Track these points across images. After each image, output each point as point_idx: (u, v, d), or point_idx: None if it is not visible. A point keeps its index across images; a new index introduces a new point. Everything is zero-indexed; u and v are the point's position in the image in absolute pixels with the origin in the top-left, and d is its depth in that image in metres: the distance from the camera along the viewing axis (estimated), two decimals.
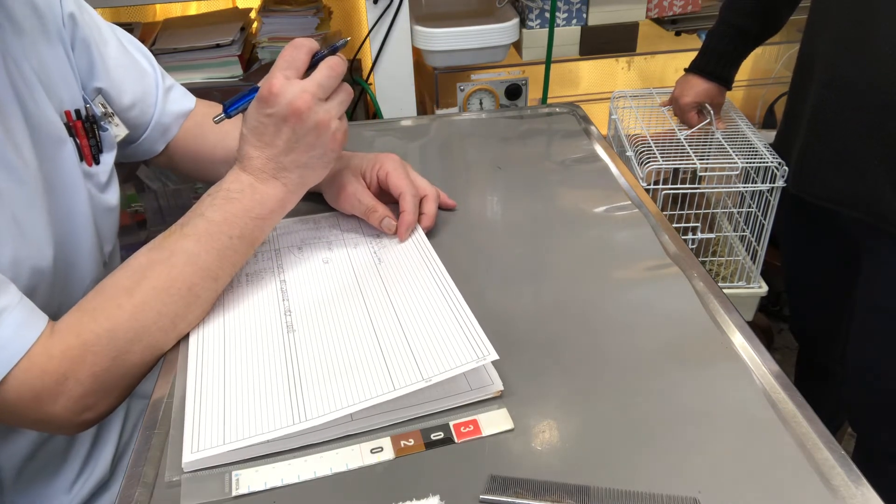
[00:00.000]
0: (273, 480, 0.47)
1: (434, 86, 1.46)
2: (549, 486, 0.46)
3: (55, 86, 0.65)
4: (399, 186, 0.70)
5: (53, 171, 0.63)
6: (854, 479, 0.45)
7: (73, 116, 0.66)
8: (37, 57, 0.64)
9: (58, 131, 0.64)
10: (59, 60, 0.66)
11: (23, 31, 0.63)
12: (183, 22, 1.49)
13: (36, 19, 0.65)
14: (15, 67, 0.61)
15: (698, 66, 1.20)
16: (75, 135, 0.66)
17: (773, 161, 1.11)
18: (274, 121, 0.59)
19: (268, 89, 0.58)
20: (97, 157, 0.69)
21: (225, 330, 0.59)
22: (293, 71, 0.59)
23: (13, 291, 0.53)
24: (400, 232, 0.69)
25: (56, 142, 0.64)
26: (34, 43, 0.64)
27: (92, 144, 0.68)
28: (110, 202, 0.71)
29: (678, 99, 1.23)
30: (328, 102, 0.60)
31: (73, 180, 0.65)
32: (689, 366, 0.55)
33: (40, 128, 0.62)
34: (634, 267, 0.67)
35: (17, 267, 0.57)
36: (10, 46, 0.61)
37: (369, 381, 0.52)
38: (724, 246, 1.36)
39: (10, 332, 0.51)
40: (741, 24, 1.14)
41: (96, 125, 0.69)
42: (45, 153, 0.62)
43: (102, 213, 0.69)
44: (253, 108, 0.60)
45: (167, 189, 1.56)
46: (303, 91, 0.58)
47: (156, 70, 0.78)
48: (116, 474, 0.73)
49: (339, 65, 0.60)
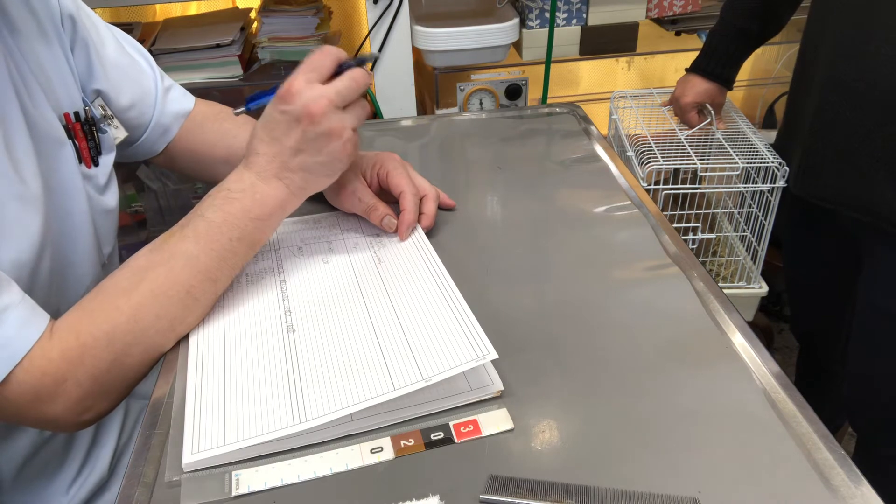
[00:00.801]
0: (273, 480, 0.47)
1: (434, 86, 1.46)
2: (549, 486, 0.46)
3: (54, 88, 0.65)
4: (400, 185, 0.70)
5: (52, 173, 0.63)
6: (854, 479, 0.45)
7: (71, 119, 0.66)
8: (35, 59, 0.64)
9: (57, 133, 0.64)
10: (57, 62, 0.66)
11: (20, 33, 0.63)
12: (183, 22, 1.49)
13: (33, 21, 0.65)
14: (15, 69, 0.61)
15: (699, 65, 1.20)
16: (74, 137, 0.66)
17: (774, 161, 1.11)
18: (287, 119, 0.59)
19: (287, 88, 0.59)
20: (96, 159, 0.69)
21: (225, 330, 0.59)
22: (316, 75, 0.59)
23: (15, 290, 0.53)
24: (400, 231, 0.69)
25: (55, 144, 0.64)
26: (32, 45, 0.64)
27: (91, 147, 0.68)
28: (109, 204, 0.71)
29: (679, 99, 1.22)
30: (344, 112, 0.60)
31: (72, 182, 0.65)
32: (689, 366, 0.55)
33: (39, 130, 0.62)
34: (634, 267, 0.67)
35: (18, 268, 0.57)
36: (10, 48, 0.61)
37: (369, 381, 0.52)
38: (725, 246, 1.36)
39: (12, 331, 0.51)
40: (742, 25, 1.14)
41: (95, 127, 0.69)
42: (43, 155, 0.62)
43: (101, 215, 0.69)
44: (270, 105, 0.60)
45: (167, 189, 1.56)
46: (321, 96, 0.58)
47: (154, 70, 0.78)
48: (115, 474, 0.73)
49: (363, 77, 0.61)
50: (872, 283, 1.00)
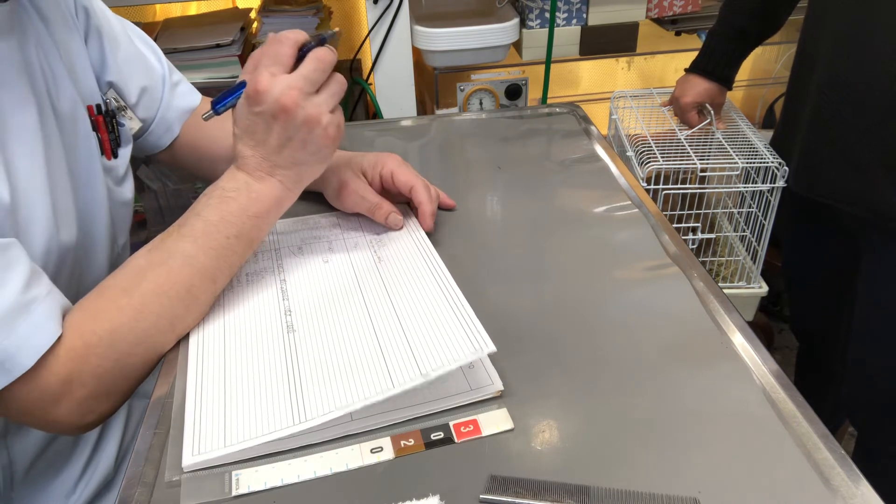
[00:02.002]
0: (273, 480, 0.47)
1: (434, 86, 1.46)
2: (549, 486, 0.46)
3: (79, 79, 0.66)
4: (409, 181, 0.70)
5: (78, 164, 0.64)
6: (854, 479, 0.45)
7: (94, 111, 0.67)
8: (65, 50, 0.65)
9: (84, 125, 0.65)
10: (81, 53, 0.67)
11: (49, 21, 0.63)
12: (183, 22, 1.49)
13: (59, 10, 0.65)
14: (45, 58, 0.61)
15: (699, 65, 1.20)
16: (97, 129, 0.67)
17: (774, 161, 1.11)
18: (263, 119, 0.58)
19: (253, 88, 0.57)
20: (116, 151, 0.69)
21: (225, 330, 0.59)
22: (279, 67, 0.58)
23: (45, 282, 0.54)
24: (424, 222, 0.70)
25: (81, 135, 0.65)
26: (62, 34, 0.65)
27: (111, 139, 0.68)
28: (126, 196, 0.71)
29: (679, 99, 1.23)
30: (318, 96, 0.59)
31: (95, 173, 0.66)
32: (689, 366, 0.55)
33: (68, 120, 0.63)
34: (634, 267, 0.67)
35: (48, 255, 0.58)
36: (41, 36, 0.62)
37: (369, 380, 0.52)
38: (725, 246, 1.36)
39: (40, 319, 0.51)
40: (741, 24, 1.14)
41: (115, 119, 0.69)
42: (72, 145, 0.63)
43: (118, 207, 0.70)
44: (242, 107, 0.59)
45: (167, 189, 1.56)
46: (289, 87, 0.57)
47: (163, 65, 0.78)
48: (120, 473, 0.73)
49: (327, 56, 0.59)
50: (872, 279, 1.01)
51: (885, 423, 1.07)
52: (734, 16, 1.15)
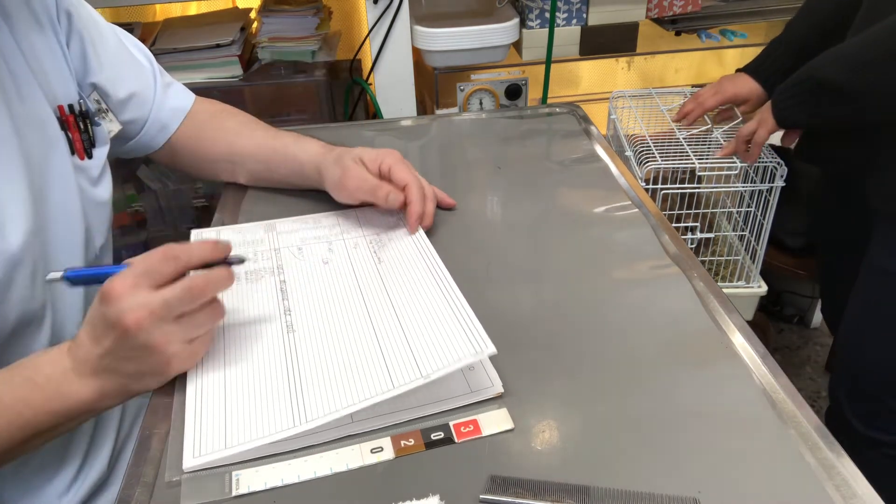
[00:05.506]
0: (273, 480, 0.47)
1: (434, 86, 1.46)
2: (549, 486, 0.46)
3: (49, 80, 0.66)
4: (404, 178, 0.70)
5: (44, 165, 0.63)
6: (854, 479, 0.45)
7: (66, 111, 0.67)
8: (30, 48, 0.64)
9: (50, 125, 0.65)
10: (53, 54, 0.67)
11: (14, 24, 0.63)
12: (183, 22, 1.49)
13: (27, 10, 0.65)
14: (3, 61, 0.61)
15: (755, 68, 1.19)
16: (67, 129, 0.67)
17: (772, 161, 1.11)
18: (104, 322, 0.52)
19: (109, 287, 0.51)
20: (89, 152, 0.69)
21: (225, 330, 0.59)
22: (149, 280, 0.52)
23: None
24: (410, 224, 0.70)
25: (47, 136, 0.65)
26: (27, 34, 0.64)
27: (84, 139, 0.68)
28: (102, 196, 0.71)
29: (719, 88, 1.20)
30: (172, 324, 0.52)
31: (64, 174, 0.66)
32: (689, 366, 0.55)
33: (29, 122, 0.63)
34: (634, 267, 0.67)
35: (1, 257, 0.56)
36: (1, 36, 0.62)
37: (369, 380, 0.52)
38: (724, 245, 1.36)
39: None
40: (807, 42, 1.12)
41: (89, 120, 0.69)
42: (34, 147, 0.63)
43: (93, 207, 0.70)
44: (97, 297, 0.53)
45: (167, 189, 1.56)
46: (140, 306, 0.50)
47: (153, 66, 0.79)
48: (115, 473, 0.73)
49: (206, 286, 0.53)
50: (879, 248, 1.03)
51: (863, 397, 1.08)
52: (804, 31, 1.13)
